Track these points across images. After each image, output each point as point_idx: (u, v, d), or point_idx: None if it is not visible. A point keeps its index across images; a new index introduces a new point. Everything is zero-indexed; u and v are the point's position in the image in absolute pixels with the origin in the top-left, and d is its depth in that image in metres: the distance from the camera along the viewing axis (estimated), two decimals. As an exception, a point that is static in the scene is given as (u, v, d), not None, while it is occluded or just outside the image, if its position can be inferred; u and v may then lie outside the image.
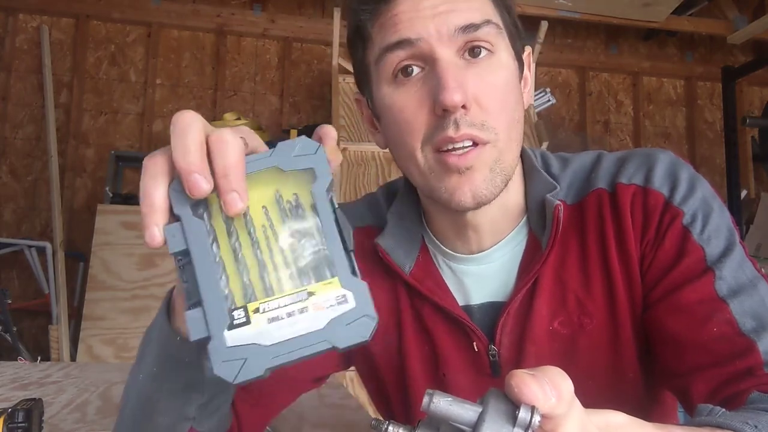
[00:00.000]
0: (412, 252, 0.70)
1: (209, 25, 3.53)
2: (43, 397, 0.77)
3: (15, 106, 3.32)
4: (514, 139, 0.62)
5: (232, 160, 0.38)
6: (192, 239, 0.39)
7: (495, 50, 0.60)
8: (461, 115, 0.58)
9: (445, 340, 0.68)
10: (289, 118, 3.56)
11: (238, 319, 0.37)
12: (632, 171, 0.65)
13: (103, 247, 2.71)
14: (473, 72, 0.59)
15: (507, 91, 0.61)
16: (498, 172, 0.60)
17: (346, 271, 0.39)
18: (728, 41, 3.61)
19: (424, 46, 0.59)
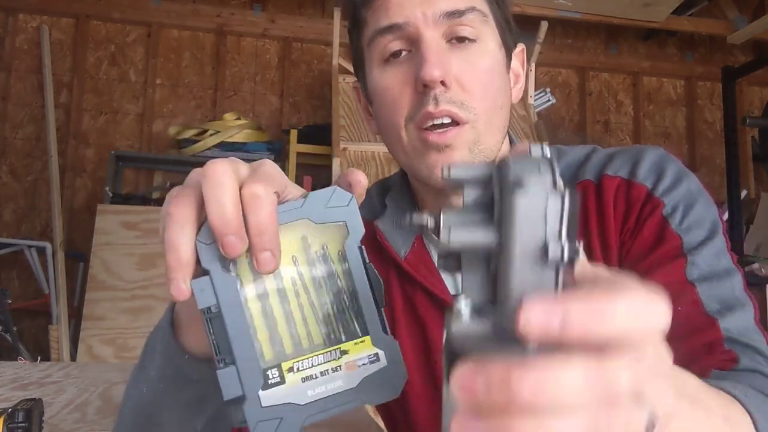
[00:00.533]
0: (408, 238, 0.71)
1: (209, 25, 3.53)
2: (43, 397, 0.77)
3: (15, 106, 3.32)
4: (495, 124, 0.64)
5: (266, 218, 0.37)
6: (223, 295, 0.38)
7: (480, 38, 0.63)
8: (441, 91, 0.61)
9: (437, 327, 0.69)
10: (289, 118, 3.56)
11: (272, 378, 0.37)
12: (619, 164, 0.66)
13: (103, 247, 2.71)
14: (457, 55, 0.62)
15: (490, 76, 0.63)
16: (477, 153, 0.63)
17: (378, 329, 0.39)
18: (728, 41, 3.61)
19: (412, 29, 0.62)
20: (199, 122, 3.41)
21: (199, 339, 0.48)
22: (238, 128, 3.18)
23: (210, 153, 3.15)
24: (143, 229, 2.76)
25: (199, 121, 3.45)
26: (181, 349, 0.50)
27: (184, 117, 3.48)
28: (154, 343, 0.55)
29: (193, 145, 3.14)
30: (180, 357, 0.50)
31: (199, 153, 3.14)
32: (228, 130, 3.16)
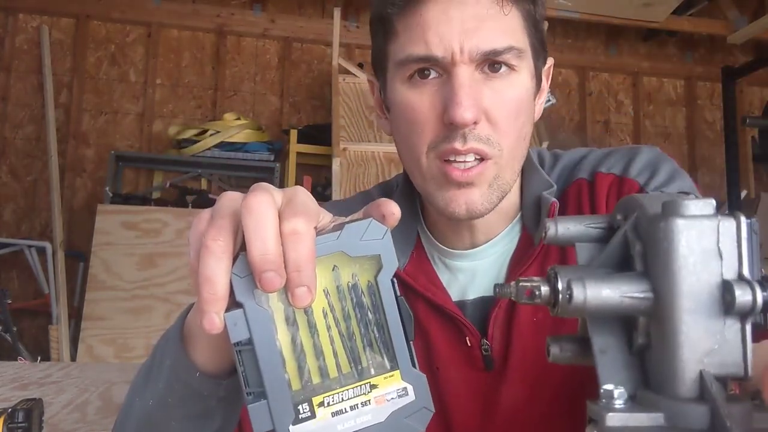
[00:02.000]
0: (406, 248, 0.70)
1: (209, 25, 3.53)
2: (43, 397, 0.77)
3: (15, 106, 3.31)
4: (517, 157, 0.63)
5: (305, 255, 0.37)
6: (256, 329, 0.37)
7: (514, 70, 0.61)
8: (470, 129, 0.59)
9: (439, 336, 0.68)
10: (289, 118, 3.56)
11: (303, 413, 0.37)
12: (613, 162, 0.67)
13: (103, 247, 2.71)
14: (489, 86, 0.60)
15: (519, 109, 0.62)
16: (496, 188, 0.62)
17: (407, 363, 0.38)
18: (728, 41, 3.61)
19: (448, 61, 0.59)
20: (199, 122, 3.41)
21: (210, 355, 0.49)
22: (238, 128, 3.18)
23: (210, 153, 3.15)
24: (143, 229, 2.76)
25: (199, 121, 3.45)
26: (192, 366, 0.49)
27: (184, 117, 3.48)
28: (162, 356, 0.53)
29: (193, 145, 3.14)
30: (190, 373, 0.49)
31: (199, 153, 3.14)
32: (228, 130, 3.16)
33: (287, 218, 0.37)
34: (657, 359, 0.23)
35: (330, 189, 2.81)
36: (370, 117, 3.00)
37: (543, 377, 0.65)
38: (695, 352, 0.22)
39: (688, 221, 0.22)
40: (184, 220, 2.81)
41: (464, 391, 0.68)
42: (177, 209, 2.87)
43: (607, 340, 0.26)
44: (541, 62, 0.66)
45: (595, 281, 0.24)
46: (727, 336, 0.22)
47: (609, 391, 0.24)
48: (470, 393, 0.67)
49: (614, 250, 0.27)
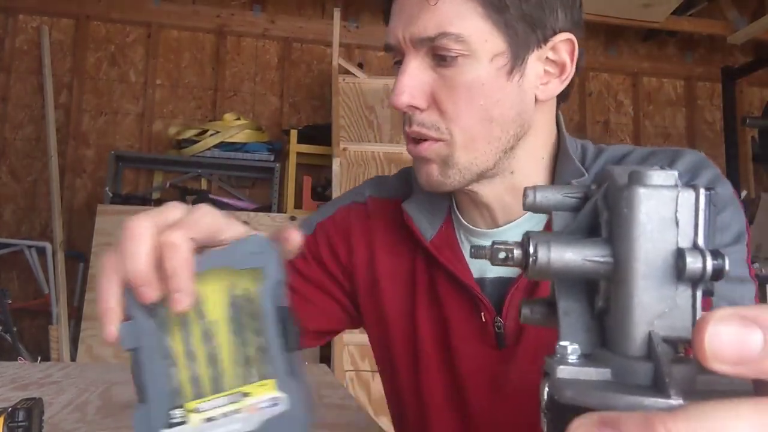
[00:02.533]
0: (435, 222, 0.73)
1: (209, 26, 3.53)
2: (43, 397, 0.77)
3: (15, 106, 3.32)
4: (480, 139, 0.64)
5: (179, 263, 0.39)
6: (143, 338, 0.41)
7: (463, 56, 0.62)
8: (415, 113, 0.64)
9: (455, 309, 0.71)
10: (289, 119, 3.56)
11: (174, 418, 0.39)
12: (656, 161, 0.67)
13: (103, 247, 2.71)
14: (439, 73, 0.63)
15: (470, 94, 0.62)
16: (451, 165, 0.65)
17: (284, 373, 0.40)
18: (728, 41, 3.61)
19: (401, 48, 0.65)
20: (199, 122, 3.41)
21: None
22: (238, 128, 3.18)
23: (210, 153, 3.15)
24: (143, 229, 2.76)
25: (199, 121, 3.45)
26: None
27: (184, 117, 3.48)
28: None
29: (193, 146, 3.14)
30: None
31: (199, 153, 3.15)
32: (228, 131, 3.16)
33: (163, 232, 0.41)
34: (612, 320, 0.25)
35: (330, 189, 2.82)
36: (370, 117, 3.00)
37: None
38: (647, 314, 0.23)
39: (649, 190, 0.23)
40: (184, 220, 2.81)
41: (476, 366, 0.70)
42: (177, 209, 2.87)
43: (571, 303, 0.27)
44: (530, 40, 0.64)
45: (560, 245, 0.26)
46: (678, 301, 0.23)
47: (564, 347, 0.26)
48: (481, 368, 0.69)
49: (585, 218, 0.28)
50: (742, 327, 0.19)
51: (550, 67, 0.66)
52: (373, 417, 0.98)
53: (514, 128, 0.66)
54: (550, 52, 0.65)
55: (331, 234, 0.80)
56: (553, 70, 0.66)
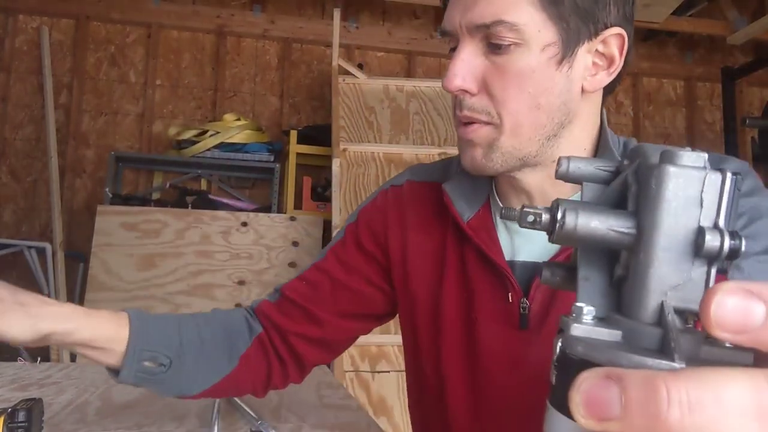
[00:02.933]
0: (474, 204, 0.76)
1: (209, 26, 3.53)
2: (43, 397, 0.77)
3: (15, 107, 3.32)
4: (526, 125, 0.66)
5: None
6: None
7: (516, 45, 0.64)
8: (465, 97, 0.67)
9: (484, 288, 0.73)
10: (289, 119, 3.56)
11: None
12: None
13: (103, 247, 2.71)
14: (491, 60, 0.66)
15: (520, 81, 0.65)
16: (495, 149, 0.67)
17: None
18: (728, 42, 3.61)
19: (456, 35, 0.67)
20: (199, 123, 3.41)
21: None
22: (238, 129, 3.18)
23: (210, 153, 3.15)
24: (143, 229, 2.76)
25: (199, 121, 3.45)
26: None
27: (183, 118, 3.48)
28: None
29: (193, 146, 3.14)
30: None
31: (199, 154, 3.14)
32: (228, 131, 3.16)
33: None
34: (629, 288, 0.26)
35: (330, 189, 2.82)
36: (370, 117, 3.00)
37: None
38: (662, 284, 0.25)
39: (678, 169, 0.24)
40: (184, 220, 2.81)
41: (497, 344, 0.72)
42: (177, 210, 2.87)
43: (592, 270, 0.29)
44: (581, 32, 0.65)
45: (587, 213, 0.27)
46: (693, 276, 0.25)
47: (580, 307, 0.27)
48: (502, 347, 0.71)
49: (614, 191, 0.29)
50: (746, 299, 0.20)
51: (599, 59, 0.68)
52: (373, 417, 0.98)
53: (559, 116, 0.68)
54: (600, 44, 0.67)
55: (370, 218, 0.84)
56: (601, 62, 0.69)
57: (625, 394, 0.19)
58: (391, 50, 3.73)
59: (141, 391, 1.03)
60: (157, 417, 0.87)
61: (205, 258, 2.77)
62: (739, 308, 0.20)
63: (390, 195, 0.85)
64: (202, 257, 2.77)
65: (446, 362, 0.76)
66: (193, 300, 2.70)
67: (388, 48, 3.72)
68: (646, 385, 0.19)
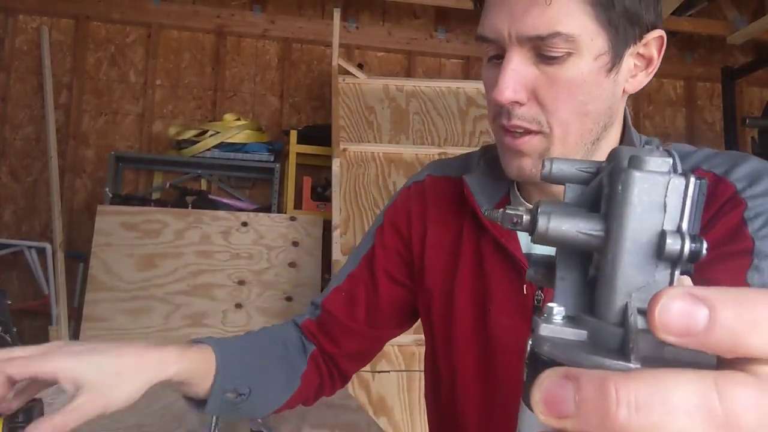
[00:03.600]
0: (494, 198, 0.77)
1: (209, 26, 3.53)
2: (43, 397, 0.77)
3: (15, 107, 3.32)
4: (576, 131, 0.66)
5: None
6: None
7: (569, 54, 0.63)
8: (514, 107, 0.65)
9: (499, 279, 0.74)
10: (289, 119, 3.56)
11: None
12: (717, 162, 0.67)
13: (103, 247, 2.71)
14: (541, 69, 0.64)
15: (572, 90, 0.64)
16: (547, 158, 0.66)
17: None
18: (728, 42, 3.61)
19: (501, 43, 0.65)
20: (198, 123, 3.41)
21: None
22: (238, 129, 3.18)
23: (210, 153, 3.15)
24: (143, 229, 2.76)
25: (198, 121, 3.45)
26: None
27: (183, 118, 3.48)
28: None
29: (193, 146, 3.14)
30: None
31: (199, 153, 3.14)
32: (228, 131, 3.16)
33: None
34: (598, 288, 0.27)
35: (330, 189, 2.82)
36: (370, 117, 3.00)
37: None
38: (627, 286, 0.26)
39: (643, 174, 0.25)
40: (184, 220, 2.81)
41: (509, 336, 0.73)
42: (177, 210, 2.87)
43: (568, 270, 0.30)
44: (628, 36, 0.65)
45: (559, 216, 0.28)
46: (657, 278, 0.25)
47: (551, 307, 0.28)
48: (514, 339, 0.72)
49: (591, 192, 0.30)
50: (690, 303, 0.21)
51: (639, 61, 0.69)
52: (373, 417, 0.98)
53: (604, 120, 0.68)
54: (642, 47, 0.68)
55: (395, 217, 0.85)
56: (641, 63, 0.70)
57: (579, 394, 0.20)
58: (391, 50, 3.73)
59: (141, 391, 1.03)
60: (157, 417, 0.87)
61: (205, 258, 2.77)
62: (683, 312, 0.20)
63: (413, 191, 0.86)
64: (202, 257, 2.77)
65: (458, 353, 0.76)
66: (193, 300, 2.70)
67: (388, 48, 3.72)
68: (599, 385, 0.20)
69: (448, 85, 3.16)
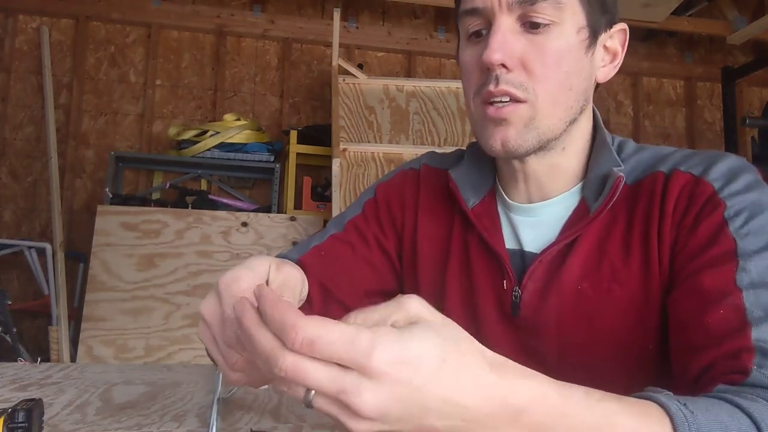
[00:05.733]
0: (479, 191, 0.78)
1: (209, 26, 3.53)
2: (43, 397, 0.77)
3: (15, 107, 3.32)
4: (559, 104, 0.67)
5: None
6: None
7: (554, 22, 0.65)
8: (502, 73, 0.65)
9: (483, 274, 0.75)
10: (289, 119, 3.56)
11: None
12: (694, 163, 0.67)
13: (103, 247, 2.71)
14: (527, 38, 0.66)
15: (558, 59, 0.66)
16: (531, 129, 0.67)
17: None
18: (728, 42, 3.61)
19: (489, 13, 0.66)
20: (198, 123, 3.41)
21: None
22: (237, 129, 3.18)
23: (210, 154, 3.15)
24: (143, 230, 2.76)
25: (199, 121, 3.45)
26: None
27: (183, 118, 3.48)
28: None
29: (193, 146, 3.14)
30: None
31: (199, 154, 3.14)
32: (228, 131, 3.16)
33: None
34: None
35: (330, 190, 2.82)
36: (370, 117, 3.00)
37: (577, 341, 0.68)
38: None
39: None
40: (184, 220, 2.81)
41: (495, 330, 0.74)
42: (177, 210, 2.87)
43: None
44: (600, 22, 0.69)
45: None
46: None
47: None
48: (499, 334, 0.73)
49: None
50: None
51: (606, 53, 0.72)
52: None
53: (582, 101, 0.70)
54: (609, 39, 0.72)
55: (389, 196, 0.85)
56: (607, 56, 0.72)
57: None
58: (391, 50, 3.73)
59: (141, 391, 1.03)
60: (157, 417, 0.87)
61: (205, 258, 2.77)
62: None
63: (408, 177, 0.86)
64: (202, 257, 2.77)
65: None
66: (193, 300, 2.70)
67: (387, 48, 3.72)
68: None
69: (448, 85, 3.16)
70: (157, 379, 1.14)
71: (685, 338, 0.59)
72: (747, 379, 0.51)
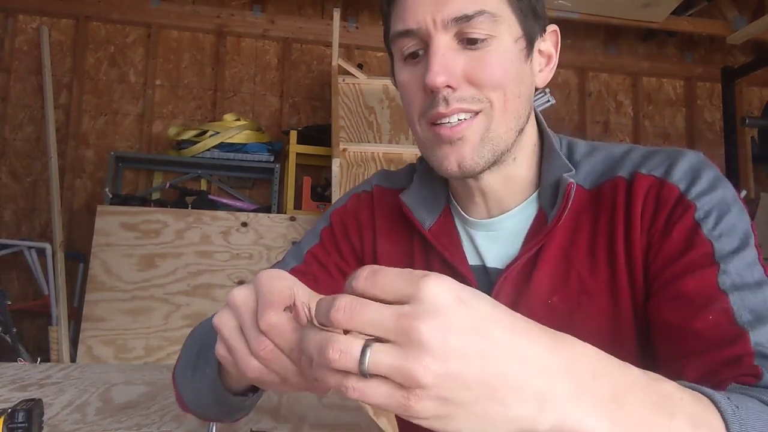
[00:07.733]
0: (434, 210, 0.76)
1: (209, 26, 3.53)
2: (43, 397, 0.77)
3: (15, 107, 3.32)
4: (510, 112, 0.66)
5: None
6: None
7: (491, 36, 0.64)
8: (449, 93, 0.64)
9: None
10: (289, 119, 3.56)
11: None
12: (655, 163, 0.66)
13: (103, 248, 2.71)
14: (468, 55, 0.64)
15: (502, 70, 0.65)
16: (487, 141, 0.66)
17: None
18: (728, 42, 3.61)
19: (424, 33, 0.64)
20: (198, 123, 3.41)
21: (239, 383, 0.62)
22: (237, 129, 3.18)
23: (209, 154, 3.15)
24: (143, 230, 2.76)
25: (198, 121, 3.45)
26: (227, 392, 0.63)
27: (183, 118, 3.48)
28: (204, 363, 0.65)
29: (193, 146, 3.14)
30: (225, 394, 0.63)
31: (199, 154, 3.14)
32: (228, 131, 3.16)
33: None
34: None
35: (330, 190, 2.82)
36: (370, 118, 3.00)
37: None
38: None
39: None
40: (184, 220, 2.81)
41: None
42: (177, 210, 2.87)
43: None
44: (535, 29, 0.68)
45: None
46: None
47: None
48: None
49: None
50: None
51: (541, 57, 0.71)
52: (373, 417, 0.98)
53: (527, 109, 0.69)
54: (542, 43, 0.71)
55: (345, 222, 0.83)
56: (543, 60, 0.72)
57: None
58: (391, 50, 3.73)
59: (141, 391, 1.03)
60: (157, 417, 0.87)
61: (205, 258, 2.77)
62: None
63: (362, 200, 0.84)
64: (202, 257, 2.77)
65: None
66: (193, 300, 2.70)
67: (387, 48, 3.72)
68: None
69: (447, 85, 3.15)
70: (157, 379, 1.14)
71: (676, 344, 0.59)
72: (760, 382, 0.52)
